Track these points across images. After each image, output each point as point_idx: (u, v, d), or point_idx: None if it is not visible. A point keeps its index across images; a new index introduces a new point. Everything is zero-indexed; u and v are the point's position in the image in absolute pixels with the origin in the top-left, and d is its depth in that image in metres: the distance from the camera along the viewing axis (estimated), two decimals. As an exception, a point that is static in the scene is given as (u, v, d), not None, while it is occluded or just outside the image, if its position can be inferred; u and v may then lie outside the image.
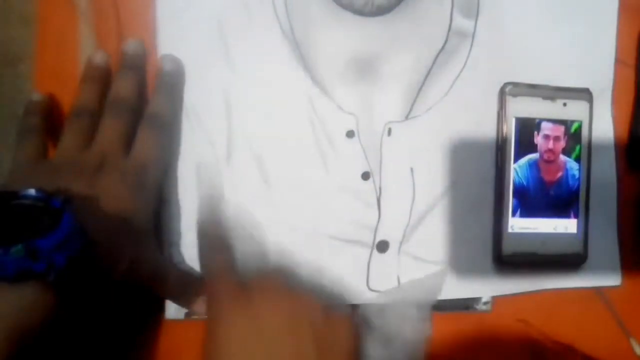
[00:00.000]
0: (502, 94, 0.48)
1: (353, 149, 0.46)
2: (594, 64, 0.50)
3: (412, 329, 0.45)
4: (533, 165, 0.48)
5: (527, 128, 0.47)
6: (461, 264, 0.47)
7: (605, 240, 0.51)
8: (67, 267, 0.31)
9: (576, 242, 0.49)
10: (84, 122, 0.40)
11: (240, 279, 0.39)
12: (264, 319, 0.36)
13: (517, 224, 0.47)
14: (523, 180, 0.47)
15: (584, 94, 0.49)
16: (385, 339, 0.44)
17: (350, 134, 0.46)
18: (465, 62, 0.48)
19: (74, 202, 0.32)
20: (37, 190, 0.31)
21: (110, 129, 0.40)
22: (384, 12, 0.46)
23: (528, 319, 0.50)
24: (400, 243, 0.46)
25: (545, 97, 0.48)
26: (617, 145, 0.51)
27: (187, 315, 0.43)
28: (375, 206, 0.46)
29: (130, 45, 0.43)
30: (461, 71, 0.48)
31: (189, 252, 0.44)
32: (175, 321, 0.44)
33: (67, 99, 0.43)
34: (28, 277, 0.29)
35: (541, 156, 0.48)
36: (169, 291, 0.42)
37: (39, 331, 0.31)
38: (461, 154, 0.48)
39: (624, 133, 0.51)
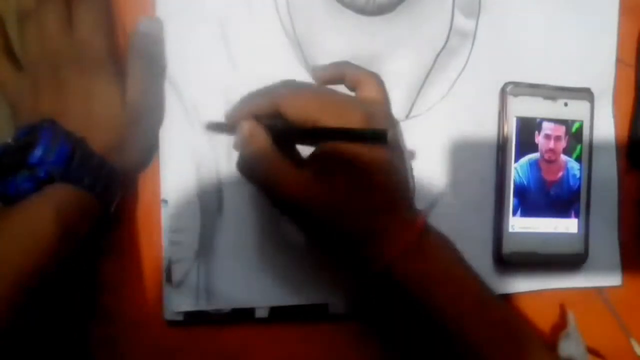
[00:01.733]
0: (503, 93, 0.48)
1: (354, 148, 0.46)
2: (595, 63, 0.51)
3: None
4: (534, 164, 0.48)
5: (528, 128, 0.47)
6: (461, 263, 0.47)
7: (606, 240, 0.51)
8: (65, 165, 0.36)
9: (577, 242, 0.49)
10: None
11: None
12: None
13: (518, 224, 0.47)
14: (524, 180, 0.47)
15: (585, 93, 0.49)
16: None
17: (351, 133, 0.46)
18: (466, 61, 0.48)
19: (45, 117, 0.37)
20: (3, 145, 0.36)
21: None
22: (385, 11, 0.46)
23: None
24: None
25: (546, 97, 0.48)
26: (618, 145, 0.51)
27: (185, 316, 0.43)
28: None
29: None
30: (462, 71, 0.48)
31: (189, 250, 0.43)
32: (173, 322, 0.44)
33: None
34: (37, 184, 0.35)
35: (542, 156, 0.48)
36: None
37: (82, 223, 0.37)
38: (462, 153, 0.48)
39: (625, 133, 0.52)
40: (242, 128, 0.39)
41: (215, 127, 0.42)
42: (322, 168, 0.36)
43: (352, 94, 0.41)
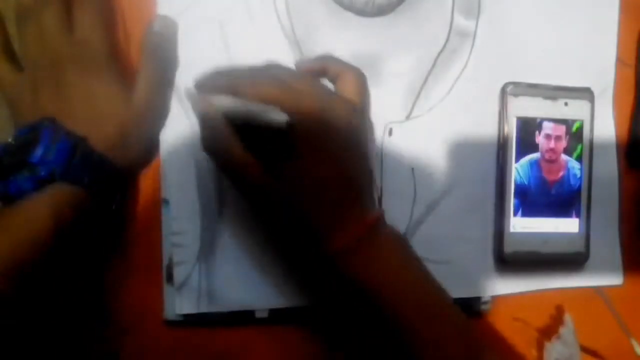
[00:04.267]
0: (503, 93, 0.48)
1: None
2: (595, 63, 0.51)
3: None
4: (534, 164, 0.48)
5: (528, 128, 0.47)
6: (462, 263, 0.47)
7: (607, 240, 0.51)
8: (66, 164, 0.36)
9: (578, 242, 0.49)
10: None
11: None
12: None
13: (519, 224, 0.47)
14: (524, 180, 0.47)
15: (585, 93, 0.49)
16: None
17: (351, 134, 0.46)
18: (466, 62, 0.48)
19: (45, 116, 0.37)
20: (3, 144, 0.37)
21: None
22: (385, 12, 0.47)
23: (528, 319, 0.50)
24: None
25: (546, 97, 0.48)
26: (618, 144, 0.51)
27: (185, 316, 0.43)
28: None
29: None
30: (462, 71, 0.48)
31: (191, 252, 0.43)
32: (173, 322, 0.44)
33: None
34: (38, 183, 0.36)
35: (542, 156, 0.48)
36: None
37: (74, 222, 0.37)
38: (462, 154, 0.48)
39: (625, 132, 0.52)
40: (197, 106, 0.39)
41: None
42: (270, 153, 0.37)
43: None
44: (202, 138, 0.39)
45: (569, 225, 0.48)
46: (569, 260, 0.49)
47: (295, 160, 0.36)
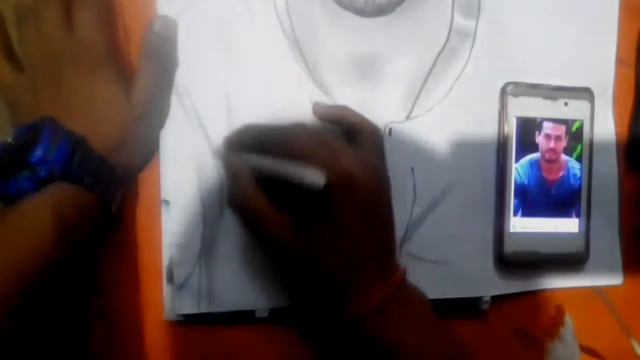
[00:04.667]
0: (503, 93, 0.48)
1: (354, 149, 0.46)
2: (595, 63, 0.51)
3: None
4: (534, 164, 0.48)
5: (528, 128, 0.48)
6: (462, 263, 0.47)
7: (607, 240, 0.51)
8: (66, 164, 0.36)
9: (578, 242, 0.49)
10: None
11: None
12: None
13: (519, 224, 0.47)
14: (524, 180, 0.47)
15: (585, 93, 0.49)
16: None
17: (351, 134, 0.46)
18: (466, 62, 0.48)
19: (45, 116, 0.37)
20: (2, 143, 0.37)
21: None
22: (385, 12, 0.46)
23: (528, 319, 0.50)
24: (402, 243, 0.46)
25: (546, 97, 0.48)
26: (618, 144, 0.51)
27: (186, 316, 0.43)
28: (377, 206, 0.46)
29: None
30: (462, 71, 0.48)
31: (191, 252, 0.43)
32: (174, 322, 0.44)
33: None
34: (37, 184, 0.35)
35: (542, 156, 0.48)
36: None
37: (82, 225, 0.37)
38: (462, 153, 0.48)
39: (625, 132, 0.52)
40: (227, 164, 0.39)
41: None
42: (302, 213, 0.37)
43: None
44: (230, 194, 0.40)
45: (569, 225, 0.48)
46: (568, 260, 0.49)
47: (331, 222, 0.37)
